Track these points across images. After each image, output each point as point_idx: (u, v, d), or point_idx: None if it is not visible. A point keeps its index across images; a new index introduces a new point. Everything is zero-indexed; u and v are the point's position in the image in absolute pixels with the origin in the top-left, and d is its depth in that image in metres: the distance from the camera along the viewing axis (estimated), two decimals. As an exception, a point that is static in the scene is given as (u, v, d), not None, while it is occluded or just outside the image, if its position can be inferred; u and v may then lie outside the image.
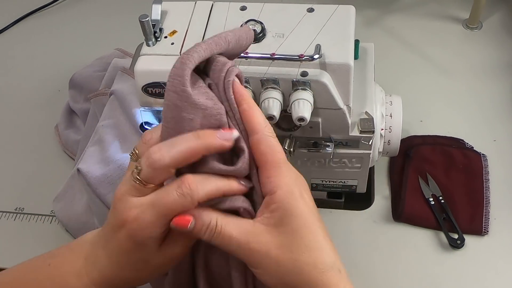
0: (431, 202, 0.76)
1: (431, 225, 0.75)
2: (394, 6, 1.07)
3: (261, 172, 0.41)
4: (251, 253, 0.39)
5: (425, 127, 0.86)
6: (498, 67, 0.94)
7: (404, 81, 0.93)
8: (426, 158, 0.81)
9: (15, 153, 0.88)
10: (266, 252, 0.39)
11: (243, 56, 0.60)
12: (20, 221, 0.80)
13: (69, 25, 1.10)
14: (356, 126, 0.67)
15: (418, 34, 1.01)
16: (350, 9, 0.65)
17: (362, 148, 0.68)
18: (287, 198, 0.39)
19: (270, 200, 0.40)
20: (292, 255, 0.39)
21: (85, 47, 1.04)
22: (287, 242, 0.39)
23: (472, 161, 0.80)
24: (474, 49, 0.98)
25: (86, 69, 0.91)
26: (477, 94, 0.91)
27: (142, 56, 0.64)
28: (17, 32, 1.10)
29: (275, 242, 0.39)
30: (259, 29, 0.62)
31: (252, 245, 0.39)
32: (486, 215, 0.75)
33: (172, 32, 0.65)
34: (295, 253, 0.39)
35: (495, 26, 1.01)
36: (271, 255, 0.39)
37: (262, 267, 0.40)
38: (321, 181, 0.75)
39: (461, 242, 0.72)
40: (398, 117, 0.71)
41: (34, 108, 0.95)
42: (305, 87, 0.60)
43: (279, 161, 0.40)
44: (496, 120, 0.87)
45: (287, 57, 0.60)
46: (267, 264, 0.39)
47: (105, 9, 1.12)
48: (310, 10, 0.65)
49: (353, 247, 0.74)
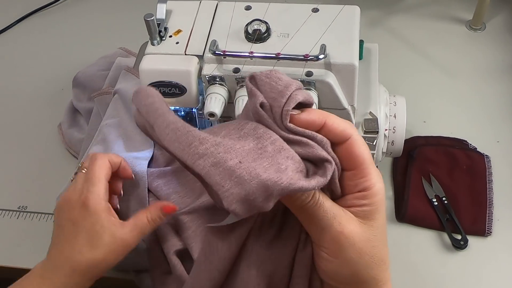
0: (434, 203, 0.76)
1: (434, 226, 0.75)
2: (397, 7, 1.07)
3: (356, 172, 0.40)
4: (340, 238, 0.39)
5: (429, 128, 0.86)
6: (501, 68, 0.94)
7: (408, 82, 0.93)
8: (429, 159, 0.80)
9: (18, 152, 0.88)
10: (353, 242, 0.39)
11: (248, 55, 0.60)
12: (23, 219, 0.80)
13: (73, 23, 1.10)
14: (360, 126, 0.67)
15: (421, 35, 1.01)
16: (355, 10, 0.65)
17: (366, 149, 0.68)
18: (380, 195, 0.40)
19: (363, 196, 0.39)
20: (373, 250, 0.40)
21: (88, 46, 1.04)
22: (372, 237, 0.39)
23: (475, 162, 0.80)
24: (477, 50, 0.98)
25: (89, 68, 0.91)
26: (480, 95, 0.91)
27: (147, 55, 0.64)
28: (21, 31, 1.10)
29: (361, 234, 0.39)
30: (264, 29, 0.62)
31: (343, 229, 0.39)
32: (489, 216, 0.75)
33: (177, 31, 0.66)
34: (376, 248, 0.40)
35: (499, 27, 1.01)
36: (357, 246, 0.39)
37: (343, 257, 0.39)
38: (324, 181, 0.75)
39: (464, 243, 0.72)
40: (402, 117, 0.71)
41: (38, 107, 0.95)
42: (310, 87, 0.60)
43: (372, 160, 0.40)
44: (499, 121, 0.87)
45: (292, 57, 0.60)
46: (350, 254, 0.39)
47: (109, 8, 1.12)
48: (315, 10, 0.65)
49: (356, 247, 0.74)
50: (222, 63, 0.62)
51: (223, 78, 0.61)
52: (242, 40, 0.62)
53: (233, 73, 0.61)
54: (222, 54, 0.61)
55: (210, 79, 0.61)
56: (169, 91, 0.63)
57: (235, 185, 0.35)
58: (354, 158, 0.39)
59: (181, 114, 0.67)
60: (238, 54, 0.61)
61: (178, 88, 0.62)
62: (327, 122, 0.39)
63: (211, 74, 0.61)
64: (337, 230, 0.39)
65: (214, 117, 0.60)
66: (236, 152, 0.37)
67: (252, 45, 0.62)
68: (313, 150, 0.38)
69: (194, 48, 0.64)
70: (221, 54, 0.61)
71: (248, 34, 0.62)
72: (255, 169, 0.36)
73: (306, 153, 0.38)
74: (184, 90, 0.63)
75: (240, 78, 0.61)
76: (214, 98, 0.60)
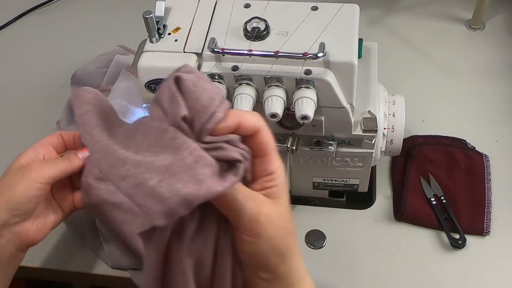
0: (432, 202, 0.76)
1: (433, 225, 0.75)
2: (397, 6, 1.06)
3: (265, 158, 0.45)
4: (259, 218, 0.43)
5: (428, 127, 0.86)
6: (501, 68, 0.94)
7: (407, 81, 0.93)
8: (428, 158, 0.80)
9: (17, 149, 0.87)
10: (271, 219, 0.44)
11: (247, 53, 0.60)
12: (21, 217, 0.80)
13: (71, 21, 1.10)
14: (359, 125, 0.67)
15: (421, 34, 1.01)
16: (354, 8, 0.65)
17: (365, 147, 0.68)
18: (283, 176, 0.45)
19: (271, 179, 0.45)
20: (285, 223, 0.45)
21: (87, 44, 1.03)
22: (282, 212, 0.45)
23: (474, 162, 0.80)
24: (476, 49, 0.98)
25: (88, 66, 0.91)
26: (479, 94, 0.91)
27: (145, 53, 0.63)
28: (19, 28, 1.10)
29: (275, 211, 0.44)
30: (263, 27, 0.62)
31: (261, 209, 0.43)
32: (488, 216, 0.75)
33: (176, 28, 0.65)
34: (287, 222, 0.46)
35: (498, 27, 1.01)
36: (273, 222, 0.44)
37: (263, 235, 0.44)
38: (323, 180, 0.75)
39: (463, 242, 0.72)
40: (401, 116, 0.71)
41: (36, 104, 0.95)
42: (309, 85, 0.60)
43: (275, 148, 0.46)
44: (498, 121, 0.87)
45: (291, 55, 0.60)
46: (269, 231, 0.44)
47: (108, 6, 1.12)
48: (314, 9, 0.65)
49: (354, 246, 0.74)
50: (220, 61, 0.62)
51: (222, 76, 0.61)
52: (241, 38, 0.62)
53: (231, 71, 0.61)
54: (221, 52, 0.60)
55: (209, 77, 0.61)
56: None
57: (157, 203, 0.38)
58: (263, 147, 0.44)
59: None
60: (237, 52, 0.61)
61: (176, 86, 0.62)
62: (240, 121, 0.43)
63: (210, 72, 0.61)
64: (255, 211, 0.43)
65: (212, 115, 0.60)
66: (156, 170, 0.39)
67: (251, 43, 0.62)
68: (226, 153, 0.41)
69: (193, 46, 0.64)
70: (220, 52, 0.60)
71: (247, 32, 0.62)
72: (175, 185, 0.38)
73: (220, 156, 0.41)
74: (183, 87, 0.63)
75: (239, 76, 0.60)
76: (212, 96, 0.60)
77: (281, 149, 0.67)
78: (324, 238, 0.75)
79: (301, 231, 0.76)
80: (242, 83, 0.61)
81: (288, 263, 0.46)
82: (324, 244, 0.75)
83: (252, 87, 0.61)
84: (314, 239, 0.75)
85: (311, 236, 0.75)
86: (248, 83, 0.61)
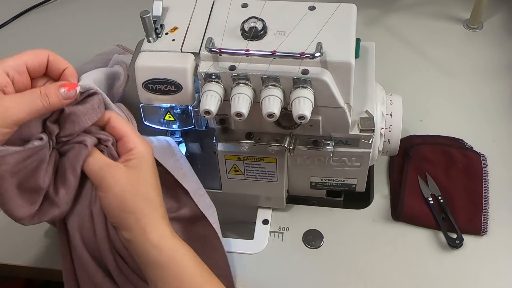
0: (430, 202, 0.76)
1: (430, 224, 0.75)
2: (395, 6, 1.06)
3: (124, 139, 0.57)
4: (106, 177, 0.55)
5: (425, 127, 0.86)
6: (498, 68, 0.94)
7: (405, 81, 0.93)
8: (425, 157, 0.81)
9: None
10: (118, 179, 0.55)
11: (244, 53, 0.60)
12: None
13: (69, 21, 1.10)
14: (356, 124, 0.67)
15: (419, 34, 1.01)
16: (352, 8, 0.65)
17: (362, 147, 0.68)
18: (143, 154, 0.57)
19: (130, 154, 0.56)
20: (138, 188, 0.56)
21: (85, 43, 1.03)
22: (135, 178, 0.56)
23: (472, 161, 0.80)
24: (474, 49, 0.98)
25: (86, 65, 0.91)
26: (477, 94, 0.91)
27: (142, 52, 0.63)
28: (17, 28, 1.10)
29: (125, 175, 0.55)
30: (261, 27, 0.62)
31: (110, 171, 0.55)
32: (485, 215, 0.75)
33: (173, 28, 0.65)
34: (141, 187, 0.56)
35: (496, 27, 1.01)
36: (121, 182, 0.55)
37: (111, 192, 0.55)
38: (320, 180, 0.75)
39: (460, 242, 0.72)
40: (398, 116, 0.71)
41: (34, 103, 0.95)
42: (306, 85, 0.60)
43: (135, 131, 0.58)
44: (496, 121, 0.87)
45: (288, 55, 0.60)
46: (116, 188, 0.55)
47: (106, 5, 1.12)
48: (312, 8, 0.65)
49: (352, 246, 0.74)
50: (218, 61, 0.62)
51: (219, 76, 0.61)
52: (239, 38, 0.62)
53: (229, 71, 0.61)
54: (218, 51, 0.60)
55: (206, 77, 0.61)
56: (165, 88, 0.63)
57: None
58: (117, 131, 0.57)
59: (177, 111, 0.67)
60: (234, 52, 0.61)
61: (174, 86, 0.62)
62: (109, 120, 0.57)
63: (207, 72, 0.61)
64: (105, 171, 0.55)
65: (209, 114, 0.60)
66: None
67: (248, 42, 0.62)
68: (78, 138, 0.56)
69: (190, 45, 0.64)
70: (217, 52, 0.60)
71: (244, 31, 0.62)
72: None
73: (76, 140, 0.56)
74: (180, 87, 0.63)
75: (236, 75, 0.60)
76: (210, 95, 0.60)
77: (279, 149, 0.68)
78: (322, 238, 0.75)
79: (299, 230, 0.76)
80: (240, 83, 0.61)
81: (143, 225, 0.55)
82: (322, 244, 0.75)
83: (249, 87, 0.61)
84: (312, 239, 0.75)
85: (308, 235, 0.75)
86: (246, 83, 0.61)
